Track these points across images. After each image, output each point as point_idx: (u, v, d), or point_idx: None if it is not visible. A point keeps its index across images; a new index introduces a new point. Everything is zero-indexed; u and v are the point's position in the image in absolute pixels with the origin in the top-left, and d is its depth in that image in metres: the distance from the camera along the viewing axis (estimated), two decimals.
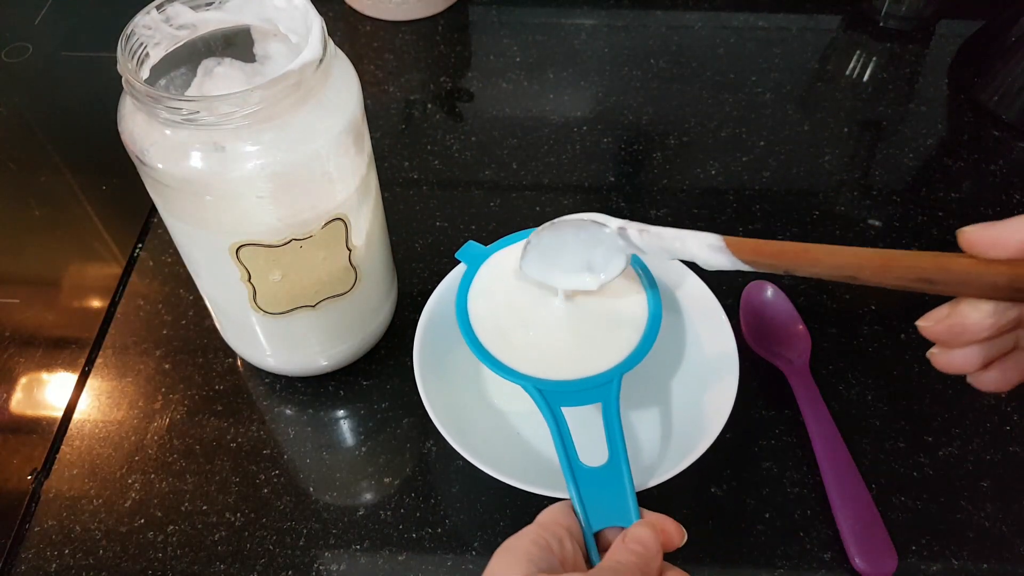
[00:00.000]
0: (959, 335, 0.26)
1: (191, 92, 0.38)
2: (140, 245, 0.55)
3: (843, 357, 0.48)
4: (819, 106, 0.65)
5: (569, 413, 0.35)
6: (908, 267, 0.26)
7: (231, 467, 0.44)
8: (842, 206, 0.57)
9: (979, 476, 0.43)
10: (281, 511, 0.42)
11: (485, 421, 0.44)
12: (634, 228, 0.33)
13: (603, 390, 0.35)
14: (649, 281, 0.39)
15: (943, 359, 0.27)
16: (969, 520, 0.42)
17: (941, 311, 0.27)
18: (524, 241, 0.38)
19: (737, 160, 0.60)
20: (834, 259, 0.28)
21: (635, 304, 0.39)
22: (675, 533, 0.31)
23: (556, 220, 0.36)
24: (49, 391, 0.47)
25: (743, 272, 0.31)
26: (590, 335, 0.38)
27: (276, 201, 0.35)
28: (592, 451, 0.34)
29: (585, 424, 0.37)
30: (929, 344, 0.28)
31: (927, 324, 0.27)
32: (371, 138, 0.41)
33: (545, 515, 0.32)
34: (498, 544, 0.41)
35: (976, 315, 0.25)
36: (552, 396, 0.35)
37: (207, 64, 0.38)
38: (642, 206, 0.57)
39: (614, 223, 0.34)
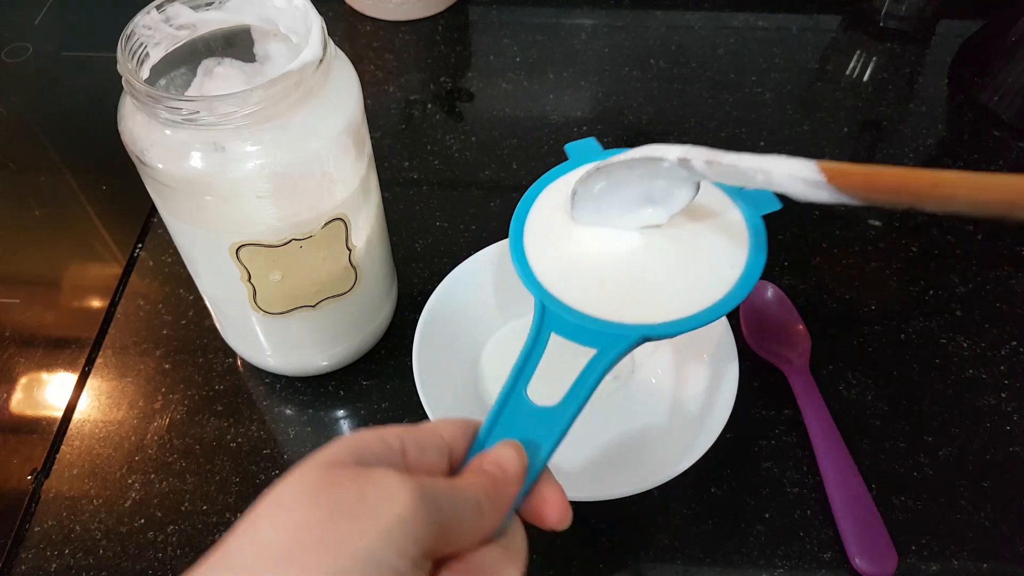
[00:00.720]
0: None
1: (191, 92, 0.38)
2: (140, 245, 0.55)
3: (843, 357, 0.48)
4: (819, 106, 0.64)
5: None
6: None
7: (231, 467, 0.44)
8: (842, 206, 0.57)
9: (979, 476, 0.43)
10: None
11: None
12: (700, 158, 0.27)
13: (607, 340, 0.29)
14: (756, 235, 0.31)
15: None
16: (969, 520, 0.42)
17: None
18: (570, 190, 0.32)
19: None
20: (977, 193, 0.22)
21: (722, 259, 0.31)
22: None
23: (601, 163, 0.30)
24: (49, 391, 0.47)
25: None
26: (642, 280, 0.31)
27: (276, 201, 0.35)
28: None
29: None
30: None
31: None
32: (371, 138, 0.41)
33: (431, 424, 0.27)
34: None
35: None
36: (551, 317, 0.30)
37: (207, 64, 0.38)
38: None
39: (673, 153, 0.28)
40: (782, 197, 0.28)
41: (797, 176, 0.25)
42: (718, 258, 0.31)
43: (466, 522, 0.23)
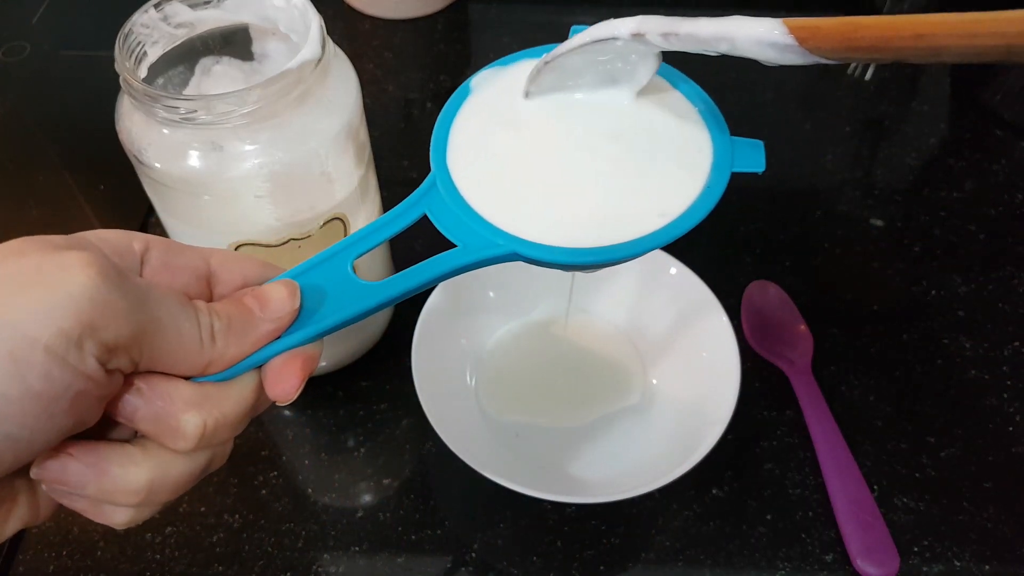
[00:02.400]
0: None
1: (189, 91, 0.38)
2: None
3: (845, 358, 0.48)
4: (821, 105, 0.64)
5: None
6: None
7: (229, 468, 0.44)
8: (844, 205, 0.57)
9: (981, 477, 0.43)
10: (279, 513, 0.42)
11: (484, 423, 0.44)
12: (655, 30, 0.24)
13: (474, 240, 0.25)
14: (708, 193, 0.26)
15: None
16: (971, 521, 0.42)
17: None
18: (522, 87, 0.28)
19: None
20: (969, 40, 0.18)
21: (661, 199, 0.25)
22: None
23: (548, 55, 0.26)
24: None
25: (744, 272, 0.30)
26: (563, 193, 0.26)
27: (274, 201, 0.35)
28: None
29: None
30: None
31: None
32: (370, 137, 0.40)
33: (203, 247, 0.24)
34: (498, 546, 0.41)
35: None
36: (433, 196, 0.26)
37: (205, 63, 0.38)
38: None
39: (626, 27, 0.24)
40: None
41: (764, 41, 0.21)
42: (655, 198, 0.25)
43: (182, 340, 0.21)
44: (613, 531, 0.41)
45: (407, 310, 0.49)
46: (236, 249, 0.36)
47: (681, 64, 0.30)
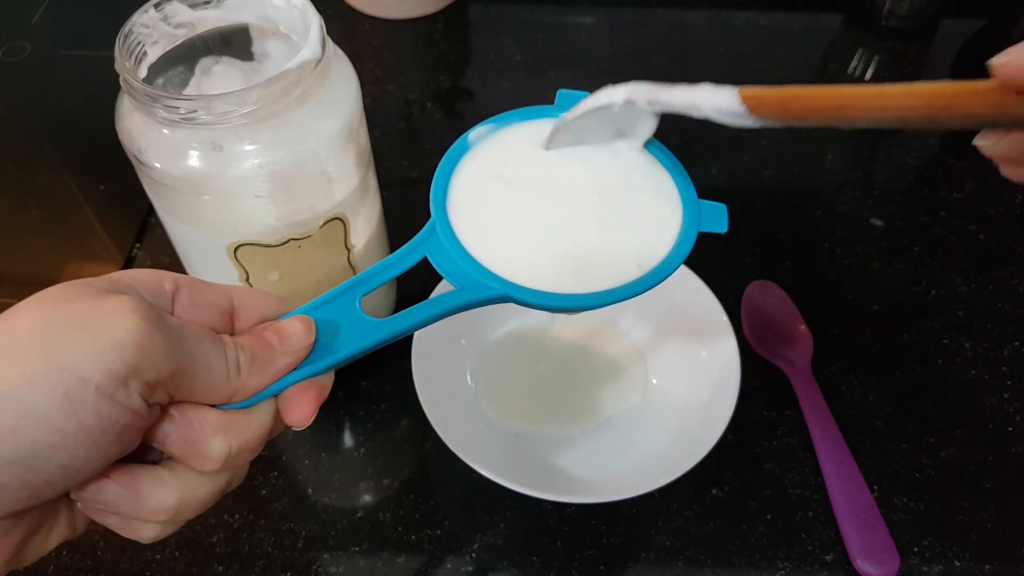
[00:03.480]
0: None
1: (189, 91, 0.38)
2: (138, 245, 0.54)
3: (845, 358, 0.48)
4: None
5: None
6: (968, 115, 0.21)
7: None
8: (844, 206, 0.57)
9: (981, 477, 0.43)
10: (279, 512, 0.42)
11: (484, 423, 0.44)
12: (642, 98, 0.28)
13: (471, 283, 0.27)
14: (681, 245, 0.29)
15: (1011, 172, 0.23)
16: (971, 521, 0.42)
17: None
18: (516, 143, 0.31)
19: (739, 160, 0.60)
20: (873, 117, 0.23)
21: (637, 255, 0.28)
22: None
23: (559, 123, 0.30)
24: None
25: (744, 272, 0.30)
26: (555, 245, 0.28)
27: (274, 201, 0.35)
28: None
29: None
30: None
31: (986, 143, 0.23)
32: (370, 137, 0.40)
33: (227, 285, 0.26)
34: (498, 547, 0.41)
35: None
36: (433, 241, 0.28)
37: (205, 63, 0.38)
38: None
39: (619, 95, 0.28)
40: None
41: (722, 108, 0.25)
42: (633, 252, 0.28)
43: (211, 374, 0.23)
44: (613, 531, 0.41)
45: None
46: (236, 249, 0.36)
47: (683, 65, 0.30)
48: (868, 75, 0.67)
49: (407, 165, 0.59)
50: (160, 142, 0.33)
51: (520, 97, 0.65)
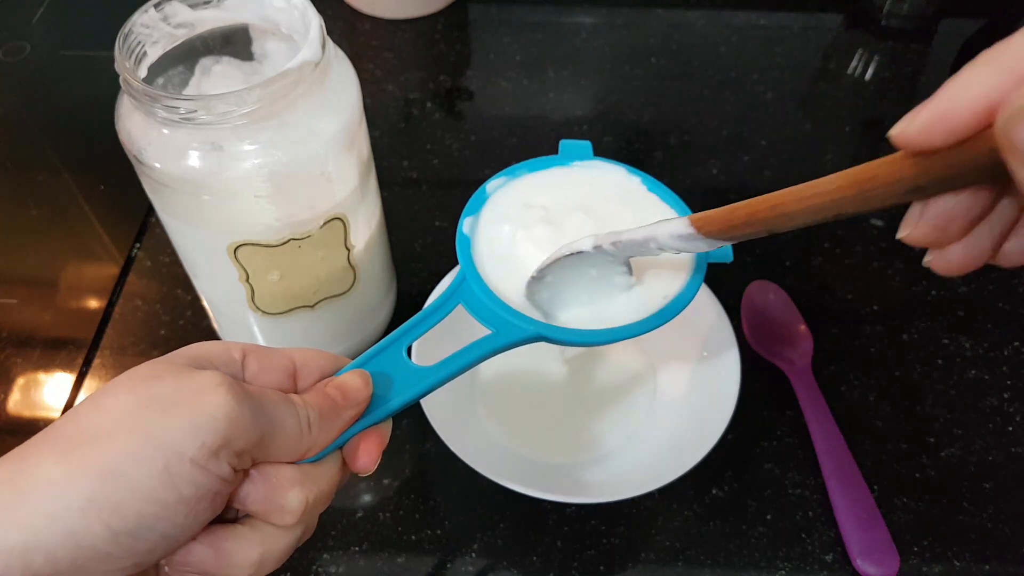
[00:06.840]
0: (946, 227, 0.23)
1: (189, 91, 0.38)
2: (138, 245, 0.54)
3: (845, 358, 0.48)
4: (821, 105, 0.64)
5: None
6: (892, 182, 0.22)
7: None
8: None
9: (981, 477, 0.43)
10: None
11: (483, 423, 0.44)
12: (607, 242, 0.29)
13: (505, 325, 0.30)
14: (695, 271, 0.31)
15: (942, 262, 0.23)
16: (971, 521, 0.42)
17: (913, 212, 0.24)
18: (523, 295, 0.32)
19: (739, 159, 0.60)
20: (808, 207, 0.24)
21: (658, 288, 0.31)
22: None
23: (536, 273, 0.31)
24: (47, 392, 0.47)
25: (745, 272, 0.31)
26: (566, 291, 0.31)
27: (274, 201, 0.35)
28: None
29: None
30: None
31: (907, 232, 0.23)
32: (370, 137, 0.40)
33: (287, 348, 0.28)
34: (498, 547, 0.41)
35: (953, 198, 0.22)
36: (465, 290, 0.31)
37: (205, 63, 0.38)
38: None
39: (587, 244, 0.29)
40: None
41: (676, 235, 0.26)
42: (653, 286, 0.31)
43: (289, 435, 0.24)
44: (613, 531, 0.41)
45: (407, 310, 0.49)
46: (236, 249, 0.36)
47: (683, 65, 0.30)
48: (868, 75, 0.67)
49: (407, 165, 0.59)
50: (160, 142, 0.33)
51: (520, 97, 0.65)
